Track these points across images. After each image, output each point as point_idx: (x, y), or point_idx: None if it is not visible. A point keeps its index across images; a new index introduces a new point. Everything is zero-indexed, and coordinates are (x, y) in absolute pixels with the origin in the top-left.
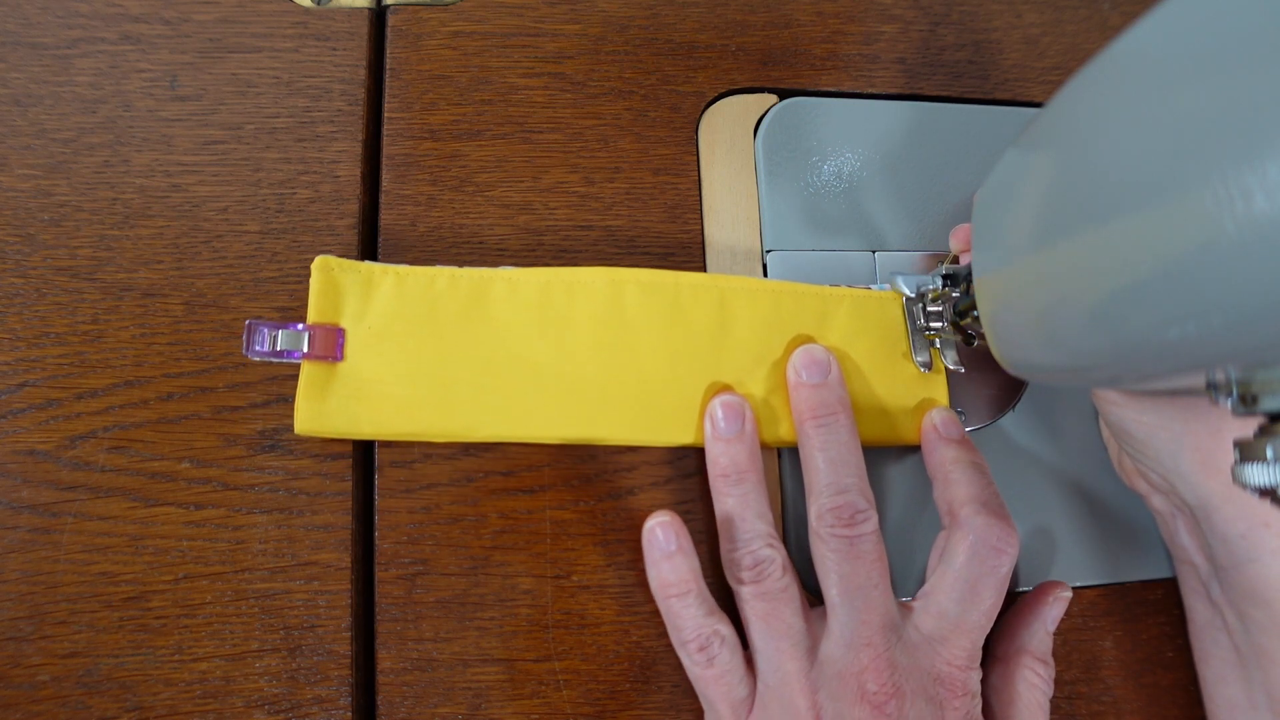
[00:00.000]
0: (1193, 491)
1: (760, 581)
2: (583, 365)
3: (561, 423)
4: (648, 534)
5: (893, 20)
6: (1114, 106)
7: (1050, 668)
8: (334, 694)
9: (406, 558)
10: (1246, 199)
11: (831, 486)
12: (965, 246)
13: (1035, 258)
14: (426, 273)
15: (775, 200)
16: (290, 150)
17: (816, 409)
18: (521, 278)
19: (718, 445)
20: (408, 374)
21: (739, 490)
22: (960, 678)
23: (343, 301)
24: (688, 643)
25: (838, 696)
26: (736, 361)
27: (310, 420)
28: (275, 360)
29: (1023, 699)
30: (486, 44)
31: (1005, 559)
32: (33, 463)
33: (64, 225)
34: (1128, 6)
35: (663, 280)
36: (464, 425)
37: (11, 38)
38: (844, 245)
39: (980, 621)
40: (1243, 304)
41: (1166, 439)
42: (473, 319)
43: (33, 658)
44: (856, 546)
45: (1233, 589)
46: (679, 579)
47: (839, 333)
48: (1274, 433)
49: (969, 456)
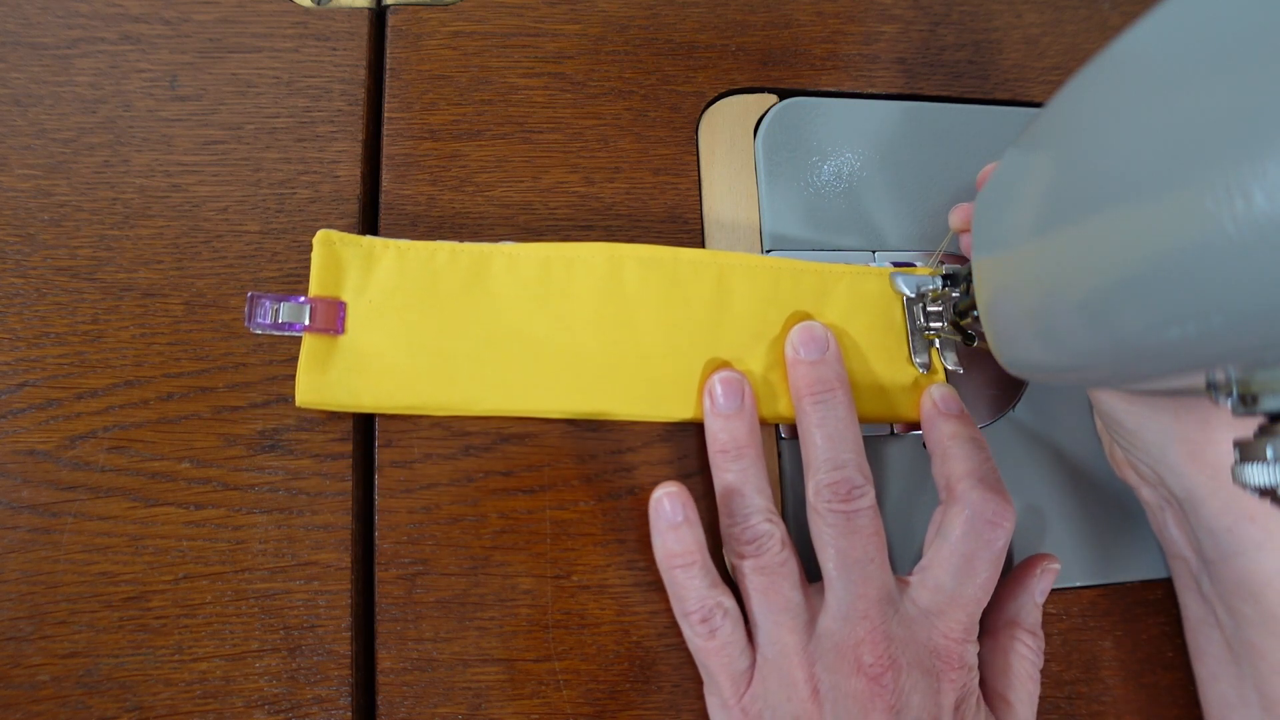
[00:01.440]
0: (1180, 483)
1: (759, 556)
2: (582, 340)
3: (561, 396)
4: (654, 504)
5: (893, 20)
6: (1114, 106)
7: (1039, 639)
8: (334, 694)
9: (406, 558)
10: (1246, 199)
11: (829, 462)
12: (964, 225)
13: (1034, 253)
14: (427, 247)
15: (775, 200)
16: (290, 150)
17: (814, 385)
18: (522, 253)
19: (717, 421)
20: (408, 347)
21: (738, 465)
22: (957, 650)
23: (344, 275)
24: (690, 614)
25: (834, 669)
26: (735, 337)
27: (311, 392)
28: (277, 333)
29: (1014, 670)
30: (486, 44)
31: (1001, 533)
32: (33, 463)
33: (64, 225)
34: (1128, 6)
35: (662, 256)
36: (464, 398)
37: (11, 38)
38: (844, 245)
39: (976, 595)
40: (1242, 304)
41: (1155, 430)
42: (473, 293)
43: (33, 658)
44: (853, 521)
45: (1221, 583)
46: (684, 549)
47: (837, 309)
48: (1274, 433)
49: (967, 432)
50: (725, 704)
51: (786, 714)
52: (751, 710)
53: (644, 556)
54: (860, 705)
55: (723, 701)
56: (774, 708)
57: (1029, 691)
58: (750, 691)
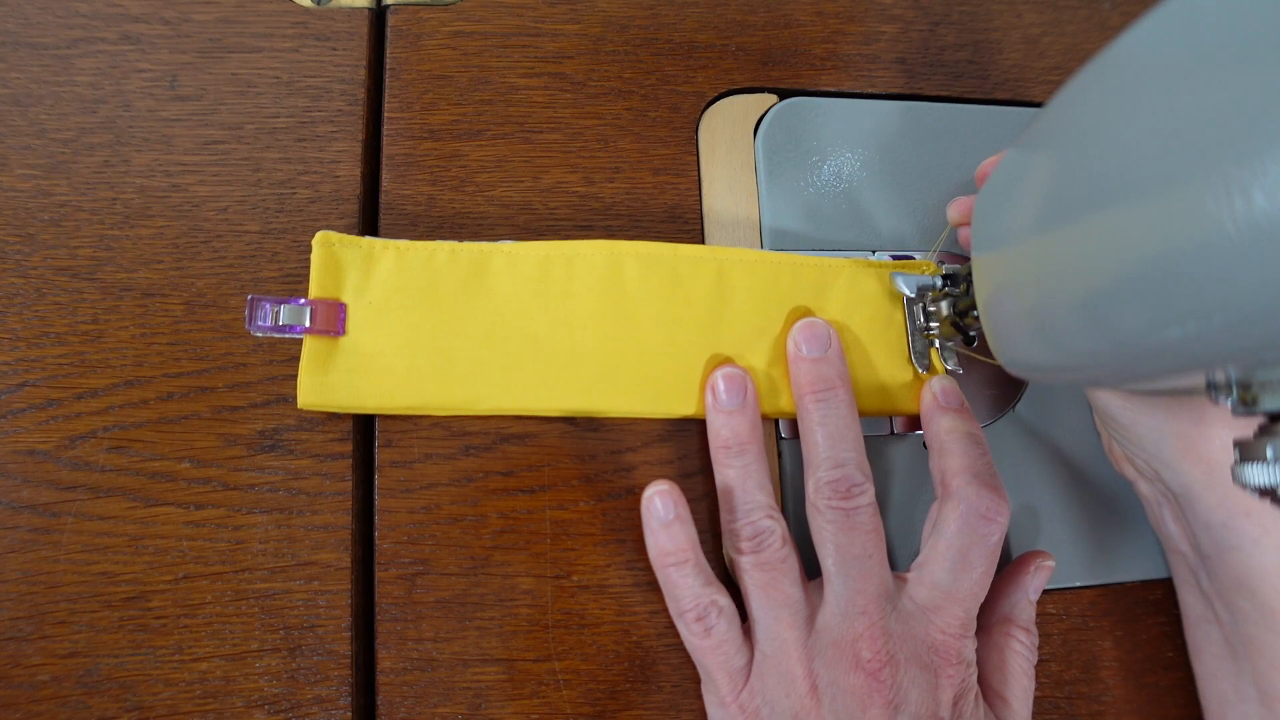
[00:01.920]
0: (1176, 479)
1: (760, 551)
2: (582, 337)
3: (561, 394)
4: (646, 503)
5: (893, 20)
6: (1114, 106)
7: (1033, 635)
8: (334, 694)
9: (406, 558)
10: (1246, 199)
11: (830, 460)
12: (963, 219)
13: (1034, 253)
14: (426, 247)
15: (775, 200)
16: (290, 150)
17: (816, 383)
18: (521, 251)
19: (719, 417)
20: (409, 347)
21: (740, 461)
22: (955, 646)
23: (344, 276)
24: (685, 612)
25: (833, 664)
26: (735, 333)
27: (313, 394)
28: (278, 335)
29: (1009, 666)
30: (486, 44)
31: (995, 528)
32: (33, 463)
33: (64, 225)
34: (1128, 6)
35: (661, 252)
36: (465, 397)
37: (11, 38)
38: (844, 244)
39: (973, 590)
40: (1242, 304)
41: (1151, 425)
42: (473, 292)
43: (33, 658)
44: (853, 518)
45: (1218, 578)
46: (676, 547)
47: (838, 303)
48: (1274, 433)
49: (965, 426)
50: (723, 702)
51: (785, 710)
52: (749, 707)
53: (644, 556)
54: (858, 700)
55: (720, 699)
56: (772, 704)
57: (1024, 688)
58: (748, 688)
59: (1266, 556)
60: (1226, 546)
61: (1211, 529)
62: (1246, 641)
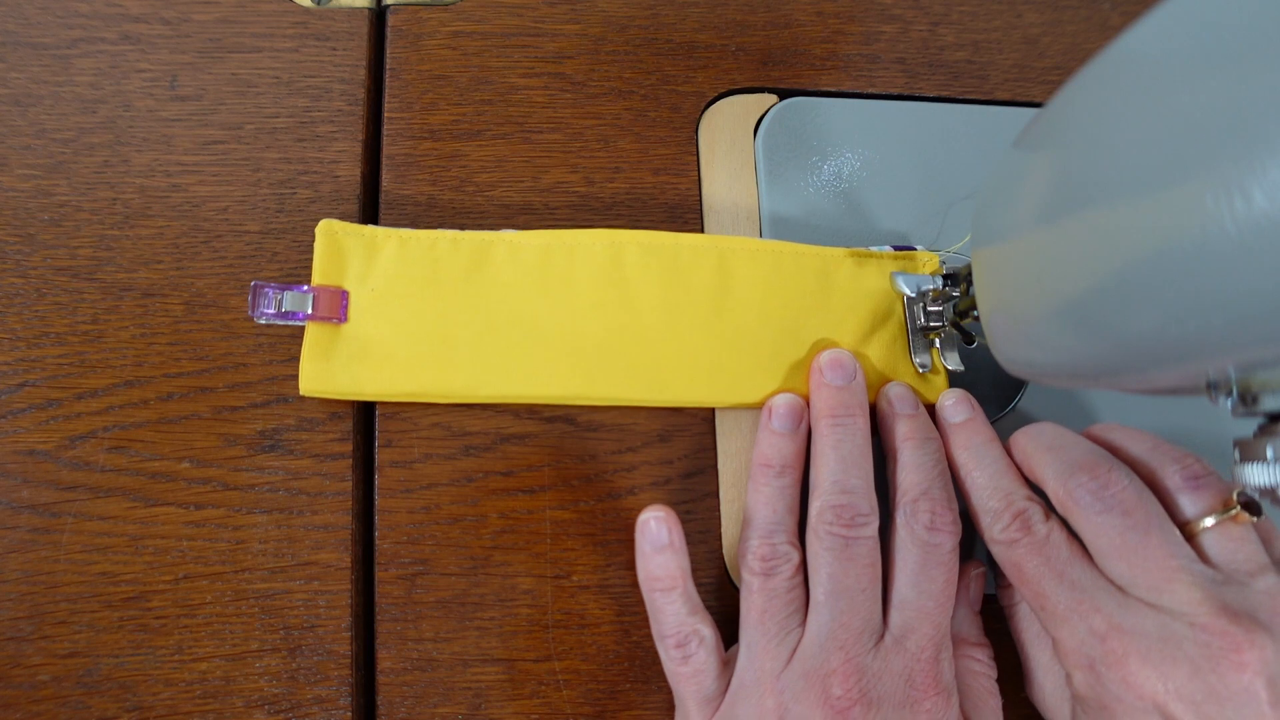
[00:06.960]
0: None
1: (770, 576)
2: (583, 325)
3: (562, 382)
4: (641, 526)
5: (893, 20)
6: (1114, 106)
7: (988, 648)
8: (334, 694)
9: (406, 558)
10: (1246, 198)
11: (838, 485)
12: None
13: (1034, 253)
14: (428, 235)
15: (775, 200)
16: (290, 150)
17: (835, 409)
18: (522, 240)
19: (770, 437)
20: (410, 335)
21: (779, 483)
22: (931, 673)
23: (346, 264)
24: (666, 638)
25: (801, 698)
26: (736, 321)
27: (314, 380)
28: (280, 322)
29: (972, 690)
30: (486, 44)
31: (944, 537)
32: (33, 463)
33: (64, 225)
34: (1128, 6)
35: (663, 241)
36: (466, 385)
37: (11, 38)
38: (844, 245)
39: (940, 601)
40: (1243, 304)
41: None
42: (474, 280)
43: (33, 658)
44: (851, 548)
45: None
46: (666, 574)
47: (839, 292)
48: (1274, 433)
49: (921, 433)
50: None
51: None
52: None
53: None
54: None
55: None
56: None
57: (993, 708)
58: (718, 716)
59: None
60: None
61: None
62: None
